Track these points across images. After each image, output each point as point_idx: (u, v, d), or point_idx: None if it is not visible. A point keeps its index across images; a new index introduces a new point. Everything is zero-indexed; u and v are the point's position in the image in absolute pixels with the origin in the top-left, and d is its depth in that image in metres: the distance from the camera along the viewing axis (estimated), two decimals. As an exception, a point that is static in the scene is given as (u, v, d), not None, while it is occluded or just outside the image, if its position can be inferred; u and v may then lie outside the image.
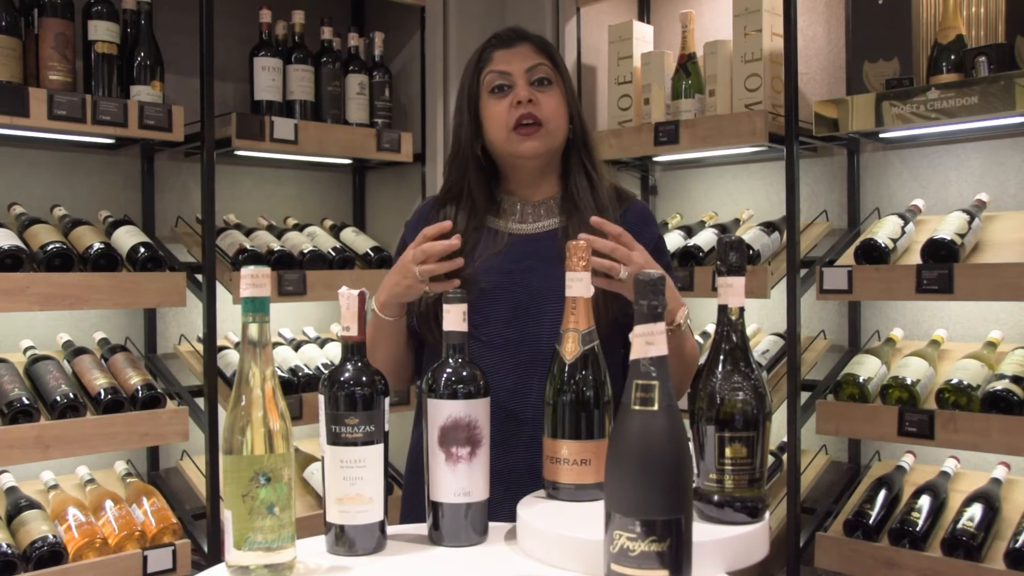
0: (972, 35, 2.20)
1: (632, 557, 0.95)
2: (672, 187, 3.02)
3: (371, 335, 1.54)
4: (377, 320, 1.53)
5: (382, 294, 1.51)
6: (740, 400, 1.15)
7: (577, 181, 1.63)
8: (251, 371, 1.11)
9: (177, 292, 2.28)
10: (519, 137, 1.57)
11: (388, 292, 1.50)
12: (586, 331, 1.30)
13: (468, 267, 1.57)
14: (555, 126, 1.59)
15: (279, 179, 2.97)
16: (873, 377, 2.24)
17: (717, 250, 1.20)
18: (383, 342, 1.56)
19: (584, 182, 1.63)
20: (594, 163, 1.65)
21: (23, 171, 2.45)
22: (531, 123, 1.57)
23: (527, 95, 1.56)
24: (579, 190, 1.62)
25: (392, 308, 1.52)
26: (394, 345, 1.58)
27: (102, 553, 2.05)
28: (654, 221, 1.70)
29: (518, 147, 1.58)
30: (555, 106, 1.59)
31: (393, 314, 1.52)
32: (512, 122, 1.57)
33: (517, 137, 1.57)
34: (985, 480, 2.16)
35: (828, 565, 2.21)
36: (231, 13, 2.71)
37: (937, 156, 2.46)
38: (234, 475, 1.09)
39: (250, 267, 1.10)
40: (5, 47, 2.09)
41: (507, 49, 1.61)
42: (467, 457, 1.23)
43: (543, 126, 1.57)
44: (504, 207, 1.65)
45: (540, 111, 1.57)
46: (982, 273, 2.01)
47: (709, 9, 2.88)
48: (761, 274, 2.32)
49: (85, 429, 2.10)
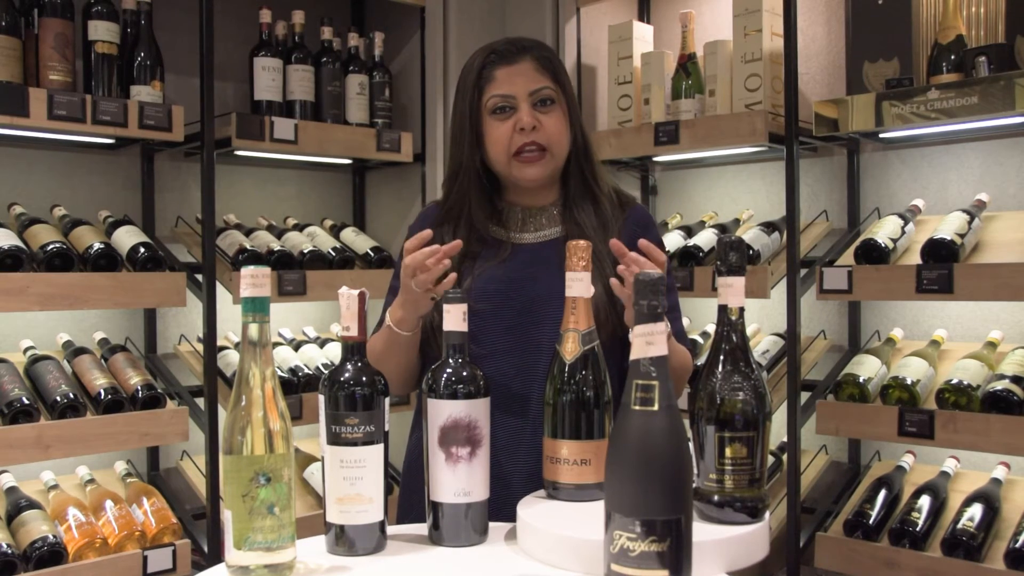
0: (972, 35, 2.20)
1: (632, 557, 0.95)
2: (672, 187, 3.02)
3: (383, 349, 1.53)
4: (394, 336, 1.51)
5: (397, 311, 1.50)
6: (740, 400, 1.15)
7: (577, 192, 1.62)
8: (251, 371, 1.11)
9: (177, 292, 2.28)
10: (521, 164, 1.55)
11: (402, 309, 1.49)
12: (586, 331, 1.30)
13: (472, 277, 1.56)
14: (559, 149, 1.58)
15: (279, 179, 2.97)
16: (873, 377, 2.24)
17: (717, 250, 1.20)
18: (396, 355, 1.54)
19: (585, 193, 1.62)
20: (594, 170, 1.64)
21: (23, 171, 2.45)
22: (534, 149, 1.55)
23: (531, 121, 1.54)
24: (579, 202, 1.61)
25: (409, 323, 1.51)
26: (407, 358, 1.57)
27: (102, 553, 2.05)
28: (654, 224, 1.70)
29: (520, 174, 1.56)
30: (558, 127, 1.57)
31: (410, 328, 1.51)
32: (514, 148, 1.55)
33: (519, 164, 1.55)
34: (985, 480, 2.16)
35: (828, 565, 2.21)
36: (231, 13, 2.71)
37: (937, 156, 2.46)
38: (234, 475, 1.09)
39: (250, 267, 1.10)
40: (5, 47, 2.09)
41: (509, 67, 1.56)
42: (467, 457, 1.23)
43: (547, 151, 1.56)
44: (506, 216, 1.64)
45: (543, 136, 1.55)
46: (982, 273, 2.01)
47: (709, 9, 2.88)
48: (761, 274, 2.32)
49: (85, 429, 2.10)
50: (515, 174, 1.57)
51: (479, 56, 1.60)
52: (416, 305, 1.47)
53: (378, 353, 1.51)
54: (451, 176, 1.64)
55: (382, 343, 1.53)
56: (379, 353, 1.52)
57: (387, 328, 1.51)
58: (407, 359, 1.57)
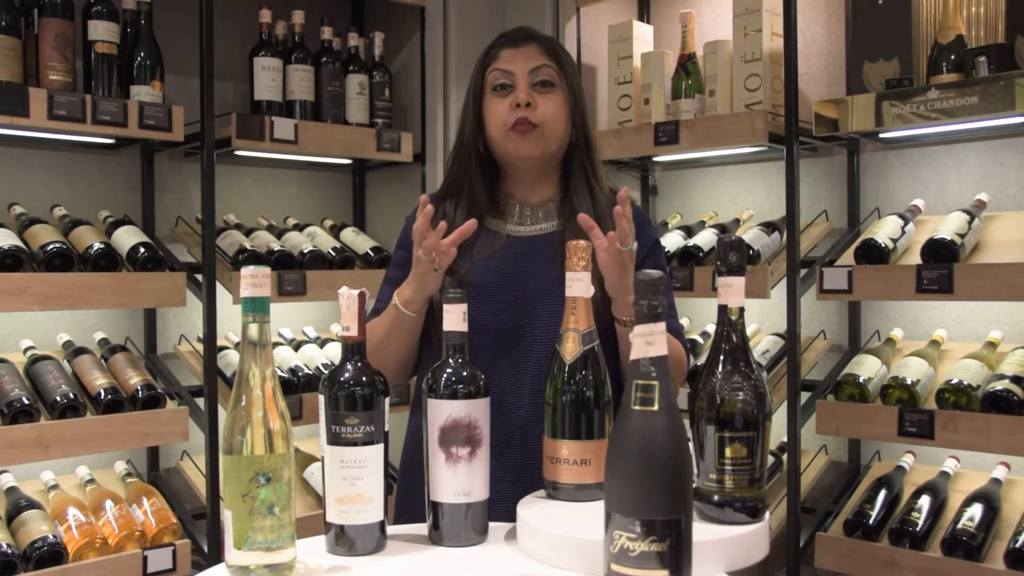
0: (972, 35, 2.20)
1: (632, 557, 0.95)
2: (672, 187, 3.02)
3: (386, 332, 1.54)
4: (400, 317, 1.52)
5: (406, 291, 1.51)
6: (740, 400, 1.15)
7: (578, 187, 1.63)
8: (251, 371, 1.11)
9: (177, 292, 2.28)
10: (515, 136, 1.59)
11: (411, 288, 1.51)
12: (586, 331, 1.30)
13: (465, 266, 1.57)
14: (551, 129, 1.60)
15: (279, 179, 2.97)
16: (873, 377, 2.24)
17: (717, 250, 1.20)
18: (398, 338, 1.55)
19: (585, 189, 1.63)
20: (595, 168, 1.66)
21: (23, 171, 2.45)
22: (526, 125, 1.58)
23: (526, 97, 1.58)
24: (579, 196, 1.62)
25: (416, 303, 1.52)
26: (408, 343, 1.58)
27: (102, 553, 2.05)
28: (651, 225, 1.71)
29: (511, 147, 1.59)
30: (554, 109, 1.60)
31: (417, 309, 1.52)
32: (510, 122, 1.58)
33: (513, 136, 1.59)
34: (985, 480, 2.16)
35: (828, 565, 2.21)
36: (231, 13, 2.71)
37: (937, 156, 2.46)
38: (234, 475, 1.09)
39: (250, 267, 1.10)
40: (5, 47, 2.09)
41: (514, 48, 1.62)
42: (467, 457, 1.23)
43: (538, 128, 1.58)
44: (503, 208, 1.66)
45: (537, 115, 1.58)
46: (982, 273, 2.01)
47: (709, 9, 2.88)
48: (761, 274, 2.32)
49: (85, 429, 2.10)
50: (509, 148, 1.60)
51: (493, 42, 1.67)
52: (425, 283, 1.48)
53: (379, 338, 1.53)
54: (455, 151, 1.68)
55: (384, 327, 1.54)
56: (380, 338, 1.53)
57: (393, 308, 1.53)
58: (408, 345, 1.58)
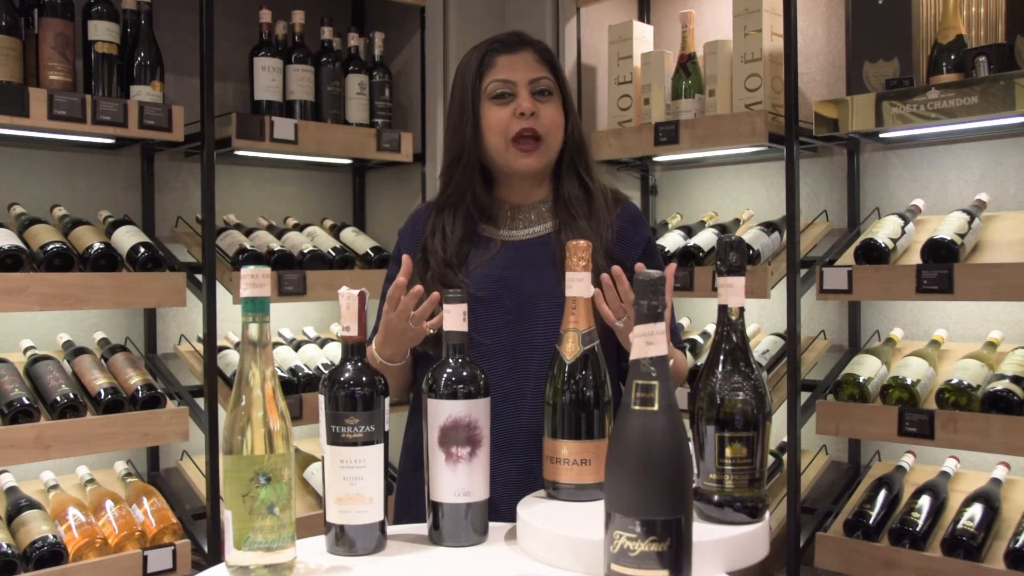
0: (972, 35, 2.20)
1: (632, 557, 0.95)
2: (672, 187, 3.02)
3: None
4: (385, 367, 1.53)
5: (386, 349, 1.50)
6: (740, 400, 1.15)
7: (570, 186, 1.63)
8: (251, 371, 1.11)
9: (177, 292, 2.28)
10: (517, 152, 1.57)
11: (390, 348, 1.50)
12: (586, 331, 1.30)
13: (461, 275, 1.57)
14: (553, 139, 1.60)
15: (279, 179, 2.97)
16: (873, 377, 2.24)
17: (717, 250, 1.20)
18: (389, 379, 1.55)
19: (577, 188, 1.63)
20: (588, 167, 1.65)
21: (23, 171, 2.45)
22: (530, 137, 1.57)
23: (530, 107, 1.56)
24: (572, 196, 1.62)
25: (400, 356, 1.53)
26: (401, 377, 1.60)
27: (102, 553, 2.05)
28: (645, 223, 1.71)
29: (515, 162, 1.58)
30: (554, 118, 1.60)
31: (401, 360, 1.54)
32: (512, 132, 1.56)
33: (515, 152, 1.57)
34: (985, 480, 2.16)
35: (828, 565, 2.21)
36: (231, 13, 2.71)
37: (937, 156, 2.46)
38: (234, 475, 1.09)
39: (250, 267, 1.10)
40: (5, 47, 2.09)
41: (510, 55, 1.60)
42: (467, 457, 1.23)
43: (542, 141, 1.58)
44: (495, 213, 1.64)
45: (541, 124, 1.57)
46: (982, 273, 2.01)
47: (709, 9, 2.88)
48: (761, 274, 2.32)
49: (85, 429, 2.10)
50: (511, 162, 1.58)
51: (482, 46, 1.63)
52: (403, 341, 1.48)
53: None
54: (451, 164, 1.63)
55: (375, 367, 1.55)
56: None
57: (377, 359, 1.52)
58: (402, 377, 1.61)
